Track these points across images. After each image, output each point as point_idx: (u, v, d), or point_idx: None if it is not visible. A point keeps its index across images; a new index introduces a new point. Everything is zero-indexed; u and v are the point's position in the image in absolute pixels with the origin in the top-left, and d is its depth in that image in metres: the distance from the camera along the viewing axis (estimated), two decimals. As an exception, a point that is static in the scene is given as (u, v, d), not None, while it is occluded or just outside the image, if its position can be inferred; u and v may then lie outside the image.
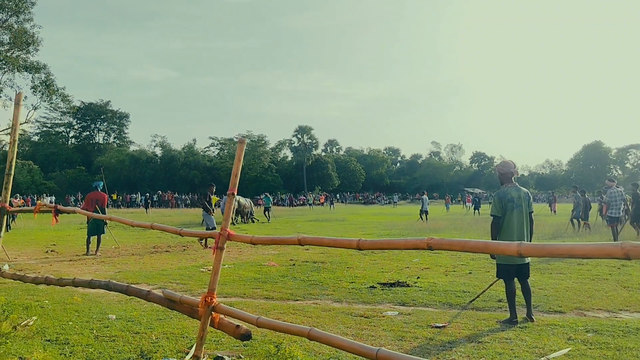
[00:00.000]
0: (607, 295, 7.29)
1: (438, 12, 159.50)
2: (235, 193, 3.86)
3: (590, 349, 4.71)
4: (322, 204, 66.76)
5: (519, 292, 6.06)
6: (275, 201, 67.77)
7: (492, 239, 6.02)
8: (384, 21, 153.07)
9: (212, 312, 3.61)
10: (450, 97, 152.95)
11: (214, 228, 14.53)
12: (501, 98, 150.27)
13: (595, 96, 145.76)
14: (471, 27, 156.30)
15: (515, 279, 6.03)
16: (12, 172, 6.30)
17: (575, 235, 17.43)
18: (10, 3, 37.08)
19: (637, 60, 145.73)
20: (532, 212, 6.13)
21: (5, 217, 6.39)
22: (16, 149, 6.37)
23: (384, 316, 6.03)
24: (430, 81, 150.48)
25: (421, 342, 4.91)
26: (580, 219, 19.46)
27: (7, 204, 6.26)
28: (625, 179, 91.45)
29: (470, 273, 9.27)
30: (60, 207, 5.73)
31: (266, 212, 29.60)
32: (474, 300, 6.85)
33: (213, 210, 15.29)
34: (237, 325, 3.54)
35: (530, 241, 5.98)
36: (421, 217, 26.88)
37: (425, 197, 28.56)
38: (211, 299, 3.57)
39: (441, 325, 5.54)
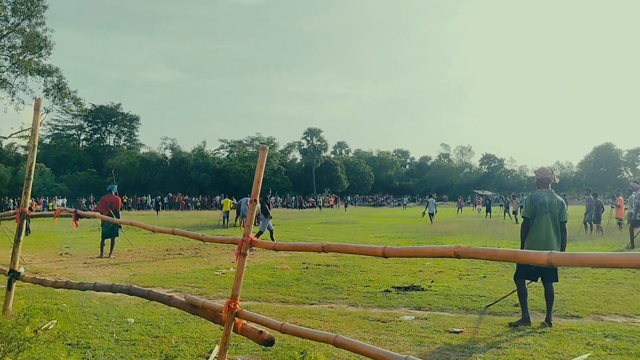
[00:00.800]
0: (623, 299, 7.25)
1: (447, 13, 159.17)
2: (258, 199, 3.89)
3: (610, 354, 4.69)
4: (332, 206, 66.83)
5: (533, 295, 6.08)
6: (284, 203, 67.99)
7: (521, 241, 6.11)
8: (392, 22, 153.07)
9: (235, 318, 3.64)
10: (459, 98, 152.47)
11: (261, 232, 15.01)
12: (511, 100, 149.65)
13: (606, 97, 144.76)
14: (480, 28, 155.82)
15: (539, 281, 6.11)
16: (32, 177, 6.38)
17: (588, 239, 17.31)
18: (22, 7, 37.44)
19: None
20: (566, 221, 6.12)
21: (25, 221, 6.48)
22: (36, 154, 6.45)
23: (400, 321, 6.04)
24: (439, 83, 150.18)
25: (440, 347, 4.92)
26: (592, 222, 19.34)
27: (27, 208, 6.34)
28: (636, 181, 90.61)
29: (484, 277, 9.25)
30: (80, 212, 5.79)
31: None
32: (491, 305, 6.84)
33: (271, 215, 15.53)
34: (260, 331, 3.57)
35: (562, 251, 6.00)
36: (431, 220, 27.26)
37: (431, 199, 28.84)
38: (234, 305, 3.60)
39: (459, 330, 5.53)
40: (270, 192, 16.06)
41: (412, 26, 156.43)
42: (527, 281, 6.20)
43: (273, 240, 14.59)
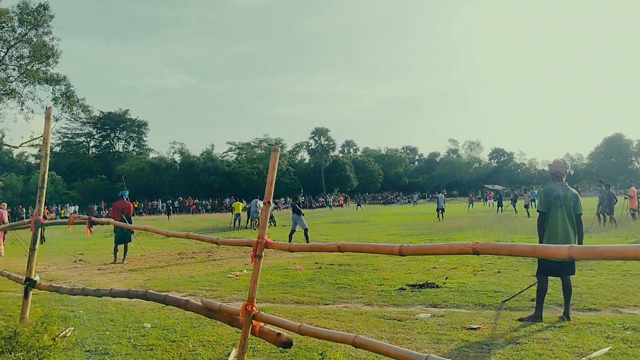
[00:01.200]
0: (641, 290, 7.18)
1: (452, 9, 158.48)
2: (271, 201, 3.88)
3: (631, 347, 4.63)
4: (342, 205, 66.82)
5: (549, 289, 6.05)
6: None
7: (538, 235, 6.10)
8: (394, 22, 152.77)
9: (253, 321, 3.64)
10: (466, 94, 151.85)
11: (306, 229, 15.45)
12: (518, 93, 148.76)
13: (614, 88, 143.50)
14: (485, 23, 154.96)
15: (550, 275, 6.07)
16: (45, 186, 6.42)
17: (602, 230, 17.17)
18: (29, 17, 37.69)
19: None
20: (581, 214, 6.09)
21: (40, 229, 6.52)
22: (48, 163, 6.49)
23: (417, 319, 6.01)
24: (445, 80, 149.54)
25: (458, 345, 4.89)
26: (605, 214, 19.18)
27: (41, 217, 6.38)
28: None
29: (499, 272, 9.19)
30: (94, 218, 5.82)
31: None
32: (508, 300, 6.80)
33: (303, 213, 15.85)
34: (279, 333, 3.56)
35: (580, 244, 5.97)
36: (438, 216, 27.17)
37: (441, 195, 28.83)
38: (251, 308, 3.59)
39: (476, 326, 5.50)
40: (302, 191, 16.43)
41: (415, 25, 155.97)
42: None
43: (290, 240, 14.66)
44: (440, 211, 27.55)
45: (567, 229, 5.93)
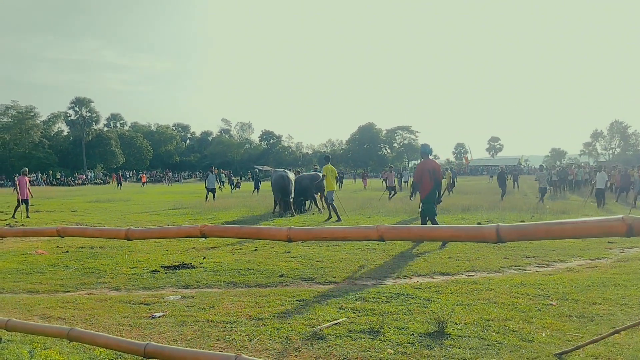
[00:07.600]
0: (375, 263, 8.05)
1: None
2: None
3: (358, 316, 5.11)
4: (144, 183, 59.76)
5: (297, 265, 6.37)
6: (48, 180, 61.34)
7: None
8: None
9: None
10: (240, 75, 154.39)
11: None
12: (288, 80, 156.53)
13: (370, 82, 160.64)
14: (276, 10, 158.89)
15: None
16: None
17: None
18: None
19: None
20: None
21: None
22: None
23: (165, 301, 5.82)
24: (211, 55, 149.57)
25: (202, 326, 4.84)
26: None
27: None
28: (393, 157, 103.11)
29: (255, 250, 9.45)
30: None
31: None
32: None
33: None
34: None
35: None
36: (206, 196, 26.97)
37: (212, 175, 28.60)
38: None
39: (159, 314, 5.26)
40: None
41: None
42: None
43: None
44: (210, 192, 27.17)
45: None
